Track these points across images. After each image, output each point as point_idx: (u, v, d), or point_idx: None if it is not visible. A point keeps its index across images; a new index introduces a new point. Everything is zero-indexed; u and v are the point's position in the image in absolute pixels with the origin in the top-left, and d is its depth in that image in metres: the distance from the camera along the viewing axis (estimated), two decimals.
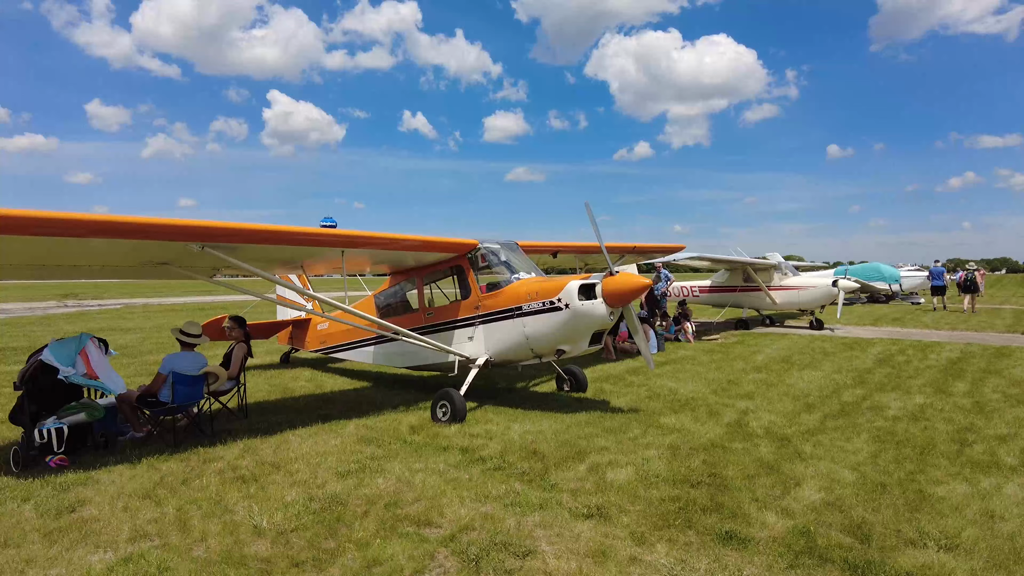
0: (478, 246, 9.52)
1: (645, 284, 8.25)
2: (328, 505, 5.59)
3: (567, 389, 10.53)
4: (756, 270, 20.57)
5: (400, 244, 8.65)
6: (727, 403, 9.57)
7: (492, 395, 10.41)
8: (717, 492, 5.79)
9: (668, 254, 16.33)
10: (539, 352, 8.83)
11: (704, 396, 10.09)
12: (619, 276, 8.30)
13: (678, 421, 8.42)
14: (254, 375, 12.70)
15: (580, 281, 8.36)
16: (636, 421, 8.41)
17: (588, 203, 8.31)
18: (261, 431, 8.15)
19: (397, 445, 7.47)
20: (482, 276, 9.58)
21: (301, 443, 7.60)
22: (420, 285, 10.39)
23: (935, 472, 6.32)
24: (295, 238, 7.39)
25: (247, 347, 9.07)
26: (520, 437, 7.69)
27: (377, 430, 8.17)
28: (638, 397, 10.03)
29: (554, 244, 11.56)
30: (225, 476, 6.45)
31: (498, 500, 5.65)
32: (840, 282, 19.54)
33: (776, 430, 7.94)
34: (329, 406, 9.80)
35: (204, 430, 8.08)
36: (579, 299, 8.26)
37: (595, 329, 8.47)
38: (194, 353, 8.02)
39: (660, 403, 9.58)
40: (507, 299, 8.96)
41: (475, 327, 9.35)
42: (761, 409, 9.12)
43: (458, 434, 7.85)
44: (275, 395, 10.77)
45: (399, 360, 10.76)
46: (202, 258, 7.25)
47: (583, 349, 8.62)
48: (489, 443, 7.45)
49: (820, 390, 10.49)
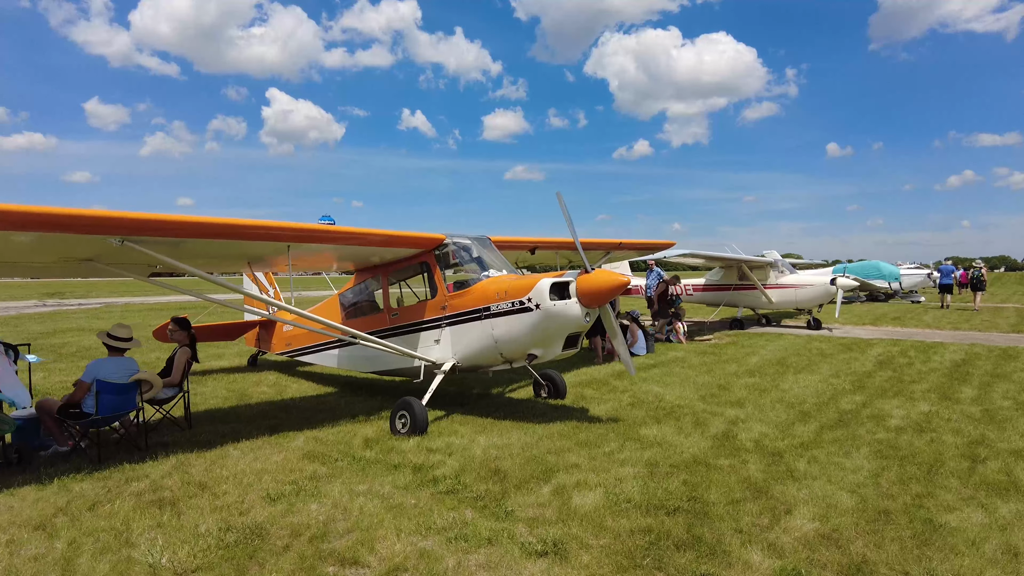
0: (445, 241, 8.76)
1: (622, 282, 7.50)
2: (245, 537, 4.84)
3: (545, 396, 9.78)
4: (752, 268, 19.81)
5: (355, 239, 7.88)
6: (715, 411, 8.81)
7: (463, 402, 9.65)
8: (696, 521, 5.03)
9: (658, 251, 15.54)
10: (509, 356, 8.08)
11: (691, 403, 9.34)
12: (595, 274, 7.55)
13: (660, 433, 7.66)
14: (215, 379, 11.95)
15: (552, 279, 7.60)
16: (614, 433, 7.65)
17: (560, 194, 7.56)
18: (201, 444, 7.40)
19: (345, 462, 6.71)
20: (456, 274, 8.82)
21: (240, 459, 6.84)
22: (384, 284, 9.62)
23: (945, 495, 5.56)
24: (228, 231, 6.62)
25: (191, 351, 8.31)
26: (483, 452, 6.94)
27: (327, 444, 7.41)
28: (620, 404, 9.27)
29: (532, 240, 10.79)
30: (142, 499, 5.69)
31: (442, 533, 4.89)
32: (839, 280, 18.80)
33: (767, 443, 7.18)
34: (284, 415, 9.04)
35: (138, 443, 7.32)
36: (551, 299, 7.51)
37: (569, 331, 7.71)
38: (123, 359, 7.25)
39: (643, 411, 8.83)
40: (475, 299, 8.21)
41: (441, 329, 8.60)
42: (752, 418, 8.36)
43: (415, 449, 7.10)
44: (230, 402, 10.01)
45: (363, 364, 10.01)
46: (126, 254, 6.48)
47: (557, 354, 7.86)
48: (447, 460, 6.70)
49: (816, 396, 9.74)
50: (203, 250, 7.08)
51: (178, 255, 6.88)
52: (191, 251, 6.98)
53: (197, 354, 8.53)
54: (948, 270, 28.74)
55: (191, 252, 7.04)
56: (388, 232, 8.14)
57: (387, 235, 8.16)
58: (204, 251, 7.16)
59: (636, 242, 13.83)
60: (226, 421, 8.65)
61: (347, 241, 7.84)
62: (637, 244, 14.02)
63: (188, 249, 6.89)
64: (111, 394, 6.91)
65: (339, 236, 7.68)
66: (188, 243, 6.65)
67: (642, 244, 14.34)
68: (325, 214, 10.12)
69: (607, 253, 13.02)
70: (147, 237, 6.23)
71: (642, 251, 15.37)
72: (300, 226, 7.28)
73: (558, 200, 7.64)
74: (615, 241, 12.66)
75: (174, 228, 6.27)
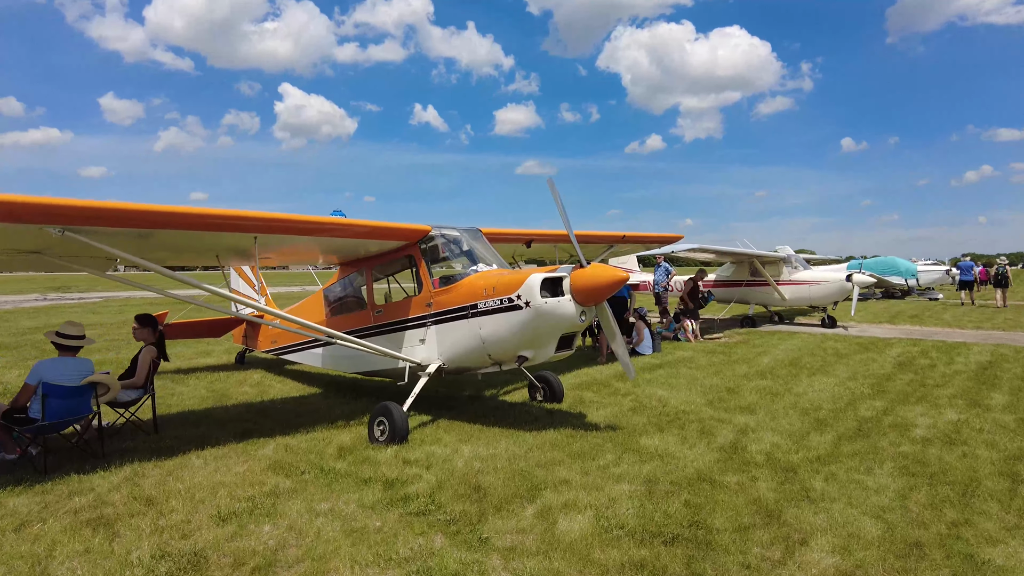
0: (431, 233, 8.11)
1: (621, 278, 6.83)
2: (181, 567, 4.23)
3: (540, 399, 9.13)
4: (764, 263, 19.04)
5: (329, 231, 7.25)
6: (723, 418, 8.13)
7: (451, 406, 9.02)
8: (697, 553, 4.38)
9: (665, 245, 14.79)
10: (497, 358, 7.44)
11: (698, 408, 8.65)
12: (591, 268, 6.88)
13: (662, 443, 6.99)
14: (198, 378, 11.40)
15: (544, 274, 6.94)
16: (612, 443, 6.99)
17: (552, 180, 6.89)
18: (163, 451, 6.81)
19: (311, 475, 6.10)
20: (443, 269, 8.19)
21: (200, 469, 6.26)
22: (368, 279, 9.00)
23: (985, 523, 4.87)
24: (181, 221, 6.00)
25: (156, 350, 7.72)
26: (465, 465, 6.30)
27: (298, 452, 6.81)
28: (621, 410, 8.60)
29: (528, 232, 10.10)
30: (79, 517, 5.11)
31: (403, 566, 4.26)
32: (854, 276, 18.00)
33: (780, 456, 6.50)
34: (260, 419, 8.44)
35: (94, 451, 6.75)
36: (541, 295, 6.85)
37: (563, 332, 7.06)
38: (74, 359, 6.67)
39: (645, 417, 8.16)
40: (461, 295, 7.56)
41: (427, 328, 7.96)
42: (763, 427, 7.68)
43: (391, 460, 6.48)
44: (208, 403, 9.43)
45: (347, 364, 9.41)
46: (69, 245, 5.88)
47: (549, 356, 7.20)
48: (424, 474, 6.07)
49: (833, 401, 9.02)
50: (161, 243, 6.47)
51: (132, 248, 6.28)
52: (146, 244, 6.38)
53: (166, 353, 7.95)
54: (967, 266, 27.91)
55: (146, 245, 6.44)
56: (366, 223, 7.50)
57: (365, 226, 7.52)
58: (162, 244, 6.55)
59: (642, 235, 13.10)
60: (198, 425, 8.07)
61: (320, 232, 7.21)
62: (643, 237, 13.28)
63: (142, 242, 6.28)
64: (59, 398, 6.33)
65: (311, 227, 7.05)
66: (137, 234, 6.03)
67: (648, 237, 13.60)
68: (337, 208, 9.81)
69: (611, 246, 12.32)
70: (90, 228, 5.62)
71: (648, 244, 14.64)
72: (267, 216, 6.65)
73: (550, 187, 6.97)
74: (619, 234, 11.94)
75: (116, 217, 5.64)
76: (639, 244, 13.79)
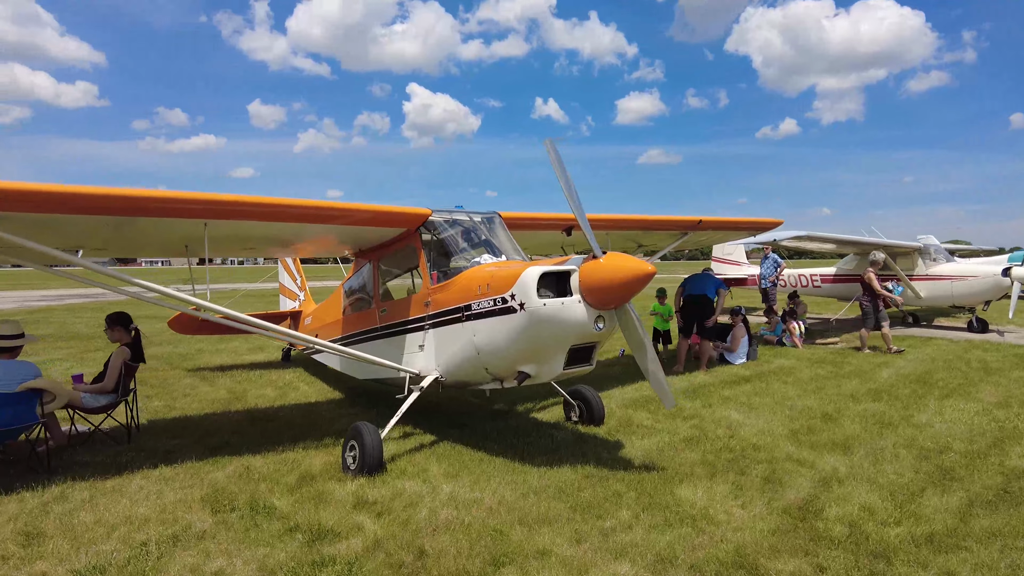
0: (431, 218, 6.73)
1: (645, 272, 5.09)
2: None
3: (575, 420, 7.50)
4: (894, 254, 15.96)
5: (293, 215, 6.04)
6: (805, 458, 6.13)
7: (465, 423, 7.59)
8: None
9: (758, 232, 12.37)
10: (495, 372, 5.95)
11: (774, 442, 6.68)
12: (607, 260, 5.21)
13: (707, 495, 5.19)
14: (231, 375, 10.80)
15: (544, 267, 5.35)
16: (637, 490, 5.29)
17: (551, 141, 5.27)
18: (110, 470, 5.94)
19: (239, 514, 4.93)
20: (445, 260, 6.79)
21: (129, 495, 5.30)
22: (375, 272, 7.79)
23: None
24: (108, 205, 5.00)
25: (129, 351, 6.94)
26: (430, 514, 4.89)
27: (251, 479, 5.71)
28: (672, 440, 6.79)
29: (569, 216, 8.37)
30: None
31: None
32: (1015, 271, 14.58)
33: (870, 530, 4.52)
34: (248, 429, 7.50)
35: (41, 465, 6.00)
36: (539, 295, 5.26)
37: (571, 343, 5.43)
38: (15, 362, 5.95)
39: (700, 452, 6.34)
40: (456, 294, 6.13)
41: (425, 332, 6.62)
42: (857, 475, 5.63)
43: (346, 498, 5.20)
44: (216, 407, 8.65)
45: (355, 369, 8.29)
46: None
47: (556, 373, 5.60)
48: (370, 523, 4.72)
49: (968, 439, 6.68)
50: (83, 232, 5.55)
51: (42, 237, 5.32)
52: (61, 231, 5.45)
53: (142, 354, 7.16)
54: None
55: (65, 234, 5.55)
56: (345, 206, 6.24)
57: (344, 210, 6.26)
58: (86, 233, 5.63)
59: (725, 220, 10.81)
60: (177, 435, 7.21)
61: (281, 217, 6.01)
62: (727, 223, 10.96)
63: (61, 230, 5.38)
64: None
65: (269, 211, 5.85)
66: (52, 220, 5.11)
67: (734, 223, 11.24)
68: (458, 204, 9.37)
69: (684, 234, 10.27)
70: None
71: (737, 232, 12.30)
72: (214, 198, 5.53)
73: (548, 150, 5.35)
74: (694, 219, 9.85)
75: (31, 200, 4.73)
76: (724, 231, 11.50)
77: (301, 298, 12.09)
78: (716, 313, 11.39)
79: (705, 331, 11.48)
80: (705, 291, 11.73)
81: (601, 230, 8.90)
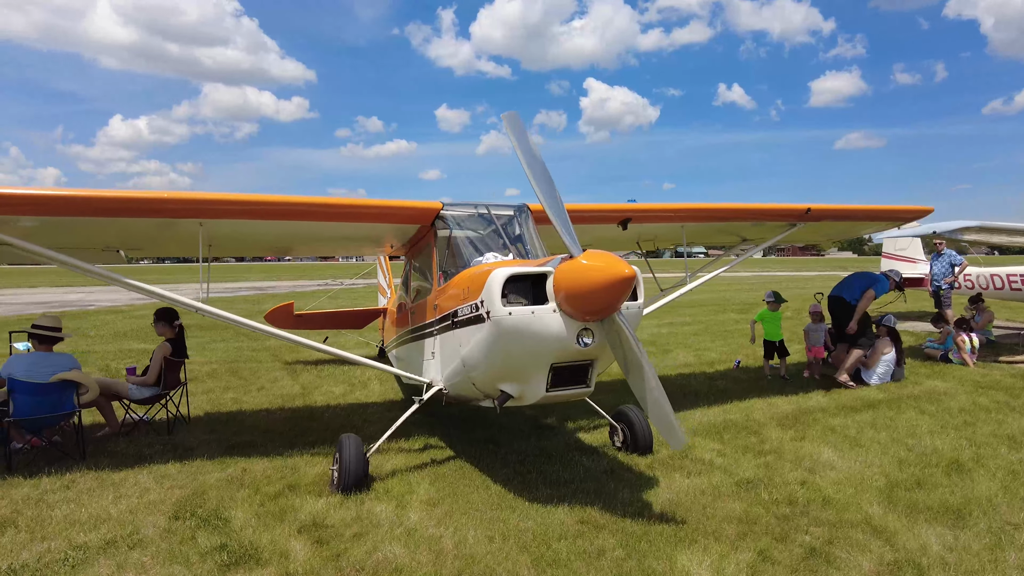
0: (441, 212, 6.08)
1: (623, 276, 4.02)
2: None
3: (618, 445, 6.45)
4: None
5: (294, 212, 5.73)
6: (887, 527, 4.61)
7: (502, 439, 6.83)
8: None
9: (898, 221, 9.84)
10: (482, 389, 5.19)
11: (857, 497, 5.15)
12: (583, 259, 4.20)
13: (709, 570, 4.01)
14: (319, 372, 11.02)
15: (512, 268, 4.48)
16: (625, 549, 4.26)
17: (510, 115, 4.37)
18: (122, 462, 6.10)
19: (187, 524, 4.71)
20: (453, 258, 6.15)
21: (105, 495, 5.30)
22: (408, 271, 7.35)
23: None
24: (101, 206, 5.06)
25: (171, 347, 7.14)
26: (370, 549, 4.29)
27: (239, 485, 5.53)
28: (726, 481, 5.51)
29: (624, 207, 7.14)
30: None
31: None
32: None
33: None
34: (283, 428, 7.46)
35: (76, 451, 6.32)
36: (503, 303, 4.40)
37: (551, 360, 4.50)
38: (49, 354, 6.30)
39: (745, 503, 5.05)
40: (449, 298, 5.45)
41: (434, 337, 6.02)
42: (954, 566, 4.06)
43: (305, 518, 4.80)
44: (277, 403, 8.72)
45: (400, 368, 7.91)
46: None
47: (539, 396, 4.69)
48: (301, 552, 4.25)
49: None
50: (71, 231, 5.66)
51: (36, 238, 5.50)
52: (52, 233, 5.60)
53: (185, 349, 7.36)
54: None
55: (66, 235, 5.71)
56: (344, 201, 5.85)
57: (343, 206, 5.86)
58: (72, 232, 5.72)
59: (842, 209, 8.33)
60: (215, 430, 7.27)
61: (281, 215, 5.74)
62: (845, 211, 8.45)
63: (47, 230, 5.51)
64: (26, 394, 5.98)
65: (267, 210, 5.60)
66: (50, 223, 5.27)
67: (854, 211, 8.66)
68: (631, 198, 9.04)
69: (792, 225, 8.42)
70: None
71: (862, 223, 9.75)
72: (210, 197, 5.40)
73: (506, 126, 4.45)
74: (800, 207, 7.81)
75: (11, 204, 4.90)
76: (847, 222, 9.20)
77: (389, 295, 12.11)
78: (855, 318, 9.49)
79: (847, 339, 9.69)
80: (842, 293, 9.89)
81: (686, 221, 7.66)
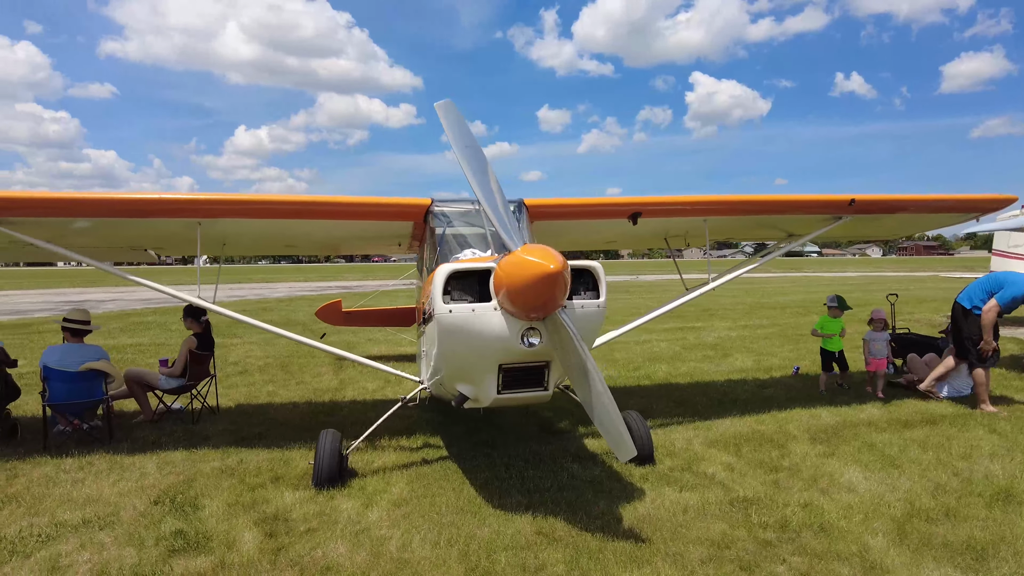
0: (430, 208, 6.01)
1: (548, 272, 3.74)
2: None
3: None
4: None
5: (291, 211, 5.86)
6: (886, 564, 4.06)
7: (502, 442, 6.65)
8: None
9: (965, 214, 8.42)
10: (448, 389, 5.07)
11: (864, 526, 4.58)
12: (524, 252, 3.95)
13: None
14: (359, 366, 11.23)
15: (455, 265, 4.33)
16: (567, 566, 4.01)
17: (443, 105, 4.18)
18: (138, 447, 6.48)
19: (161, 509, 4.95)
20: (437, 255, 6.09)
21: (107, 477, 5.68)
22: (420, 267, 7.34)
23: None
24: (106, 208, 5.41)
25: (196, 340, 7.51)
26: (313, 546, 4.28)
27: (228, 475, 5.74)
28: (722, 498, 5.08)
29: (633, 200, 6.63)
30: None
31: None
32: None
33: None
34: (296, 421, 7.70)
35: (103, 435, 6.78)
36: (443, 299, 4.25)
37: (498, 361, 4.30)
38: (78, 345, 6.79)
39: (727, 524, 4.63)
40: (424, 295, 5.37)
41: (422, 336, 5.97)
42: None
43: (270, 511, 4.92)
44: (312, 397, 9.02)
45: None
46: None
47: (491, 397, 4.50)
48: (249, 543, 4.36)
49: None
50: (90, 231, 6.04)
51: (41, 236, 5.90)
52: (74, 233, 6.01)
53: (212, 343, 7.72)
54: None
55: (75, 234, 6.10)
56: (339, 199, 5.91)
57: (337, 204, 5.92)
58: (91, 232, 6.11)
59: (889, 200, 7.43)
60: (234, 421, 7.60)
61: (276, 215, 5.88)
62: (893, 202, 7.47)
63: (56, 230, 5.90)
64: (60, 381, 6.53)
65: (264, 209, 5.76)
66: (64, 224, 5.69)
67: (903, 202, 7.60)
68: None
69: (838, 218, 7.54)
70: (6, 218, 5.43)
71: (923, 216, 8.47)
72: (208, 197, 5.64)
73: (440, 115, 4.28)
74: (844, 198, 6.99)
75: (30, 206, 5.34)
76: (896, 214, 8.04)
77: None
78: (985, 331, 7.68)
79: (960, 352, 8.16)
80: (962, 299, 8.13)
81: (706, 215, 7.17)
